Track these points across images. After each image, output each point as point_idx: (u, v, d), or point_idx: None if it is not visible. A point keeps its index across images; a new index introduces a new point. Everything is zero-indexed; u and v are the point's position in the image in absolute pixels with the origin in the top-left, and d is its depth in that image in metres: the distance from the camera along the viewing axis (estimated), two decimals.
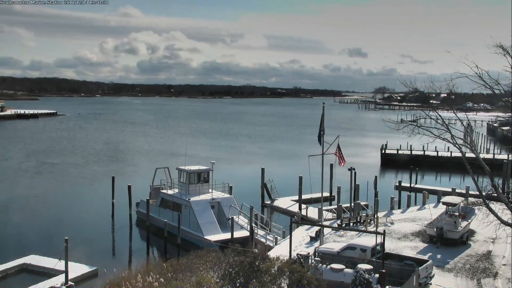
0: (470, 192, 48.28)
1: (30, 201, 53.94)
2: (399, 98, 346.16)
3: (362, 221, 40.89)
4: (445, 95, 34.67)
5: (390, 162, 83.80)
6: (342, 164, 36.86)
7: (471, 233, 36.71)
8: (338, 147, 36.14)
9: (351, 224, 40.54)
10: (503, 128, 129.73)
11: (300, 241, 35.68)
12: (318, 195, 39.71)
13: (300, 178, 50.44)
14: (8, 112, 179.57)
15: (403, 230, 38.90)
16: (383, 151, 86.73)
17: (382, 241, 25.14)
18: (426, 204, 49.59)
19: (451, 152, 77.34)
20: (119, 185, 51.47)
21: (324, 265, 25.43)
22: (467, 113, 31.62)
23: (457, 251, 33.29)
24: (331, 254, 27.57)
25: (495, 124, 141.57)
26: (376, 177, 53.50)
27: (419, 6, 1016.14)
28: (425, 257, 29.18)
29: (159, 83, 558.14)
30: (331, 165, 53.85)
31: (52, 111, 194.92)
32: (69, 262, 29.48)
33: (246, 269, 20.64)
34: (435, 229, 34.81)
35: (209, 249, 26.32)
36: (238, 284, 20.41)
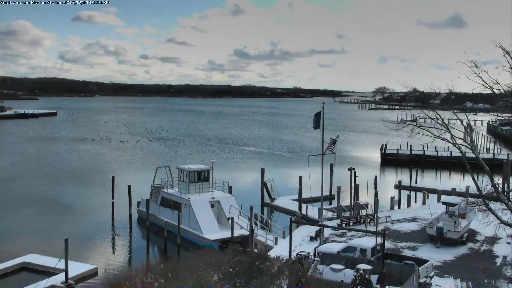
0: (470, 192, 48.28)
1: (30, 200, 53.93)
2: (399, 98, 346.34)
3: (362, 221, 40.90)
4: (445, 95, 34.69)
5: (390, 162, 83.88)
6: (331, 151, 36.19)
7: (471, 233, 36.72)
8: (334, 143, 36.15)
9: (351, 224, 40.56)
10: (503, 128, 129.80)
11: (300, 241, 35.68)
12: (318, 194, 39.76)
13: (300, 178, 50.50)
14: (8, 112, 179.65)
15: (403, 230, 38.93)
16: (383, 151, 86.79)
17: (382, 241, 25.14)
18: (426, 203, 49.64)
19: (451, 152, 77.39)
20: (120, 185, 51.51)
21: (324, 265, 25.45)
22: (467, 113, 31.50)
23: (457, 251, 33.30)
24: (331, 254, 27.56)
25: (495, 124, 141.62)
26: (376, 177, 53.51)
27: (417, 6, 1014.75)
28: (425, 257, 29.18)
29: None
30: (331, 165, 53.92)
31: (52, 111, 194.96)
32: (69, 261, 29.49)
33: (246, 269, 20.64)
34: (435, 229, 34.82)
35: (209, 249, 26.36)
36: (238, 284, 20.41)
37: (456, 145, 25.18)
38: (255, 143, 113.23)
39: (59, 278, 29.77)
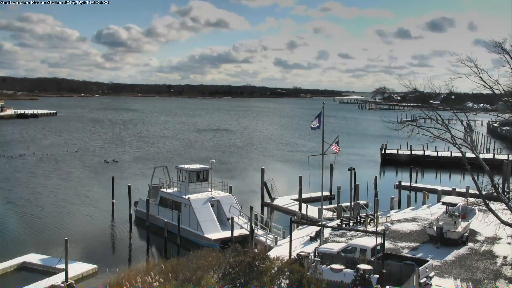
0: (470, 192, 48.29)
1: (30, 200, 53.92)
2: (399, 98, 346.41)
3: (362, 221, 40.89)
4: (445, 95, 34.68)
5: (390, 162, 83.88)
6: (336, 150, 36.32)
7: (471, 233, 36.71)
8: (337, 143, 36.22)
9: (351, 224, 40.55)
10: (503, 128, 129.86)
11: (300, 241, 35.68)
12: (318, 194, 39.78)
13: (300, 178, 50.50)
14: (8, 112, 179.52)
15: (403, 230, 38.91)
16: (383, 151, 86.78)
17: (382, 241, 25.13)
18: (426, 204, 49.68)
19: (451, 152, 77.41)
20: (119, 185, 51.51)
21: (324, 265, 25.45)
22: (467, 113, 31.55)
23: (457, 251, 33.28)
24: (331, 254, 27.56)
25: (495, 124, 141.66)
26: (376, 177, 53.47)
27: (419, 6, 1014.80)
28: (425, 257, 29.18)
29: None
30: (331, 165, 53.93)
31: (52, 111, 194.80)
32: (69, 261, 29.51)
33: (246, 269, 20.64)
34: (435, 229, 34.81)
35: (209, 249, 26.33)
36: (238, 284, 20.41)
37: (456, 145, 25.19)
38: (255, 142, 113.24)
39: (59, 278, 29.77)
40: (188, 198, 41.56)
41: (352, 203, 45.67)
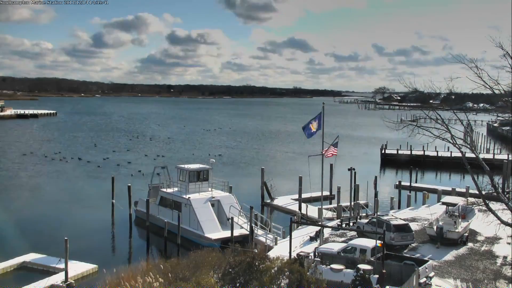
0: (470, 192, 48.29)
1: (30, 200, 53.97)
2: (399, 98, 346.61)
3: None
4: (445, 95, 34.66)
5: (390, 162, 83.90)
6: (329, 155, 36.37)
7: (471, 233, 36.71)
8: (334, 145, 36.26)
9: (351, 224, 40.54)
10: (503, 128, 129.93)
11: (300, 241, 35.69)
12: (318, 194, 39.78)
13: (300, 178, 50.49)
14: (8, 112, 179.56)
15: None
16: (383, 151, 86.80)
17: (382, 241, 25.13)
18: (426, 203, 49.67)
19: (451, 152, 77.44)
20: (119, 184, 51.47)
21: (324, 265, 25.45)
22: (467, 113, 31.49)
23: (457, 251, 33.29)
24: (331, 254, 27.56)
25: (495, 124, 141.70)
26: (376, 177, 53.49)
27: (419, 5, 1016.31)
28: (425, 257, 29.17)
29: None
30: (331, 165, 53.94)
31: (52, 111, 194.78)
32: (69, 261, 29.52)
33: (246, 269, 20.62)
34: (435, 229, 34.82)
35: (209, 248, 26.35)
36: (238, 284, 20.40)
37: (456, 145, 25.13)
38: (255, 142, 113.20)
39: (59, 278, 29.79)
40: (189, 198, 41.57)
41: (352, 203, 45.68)
